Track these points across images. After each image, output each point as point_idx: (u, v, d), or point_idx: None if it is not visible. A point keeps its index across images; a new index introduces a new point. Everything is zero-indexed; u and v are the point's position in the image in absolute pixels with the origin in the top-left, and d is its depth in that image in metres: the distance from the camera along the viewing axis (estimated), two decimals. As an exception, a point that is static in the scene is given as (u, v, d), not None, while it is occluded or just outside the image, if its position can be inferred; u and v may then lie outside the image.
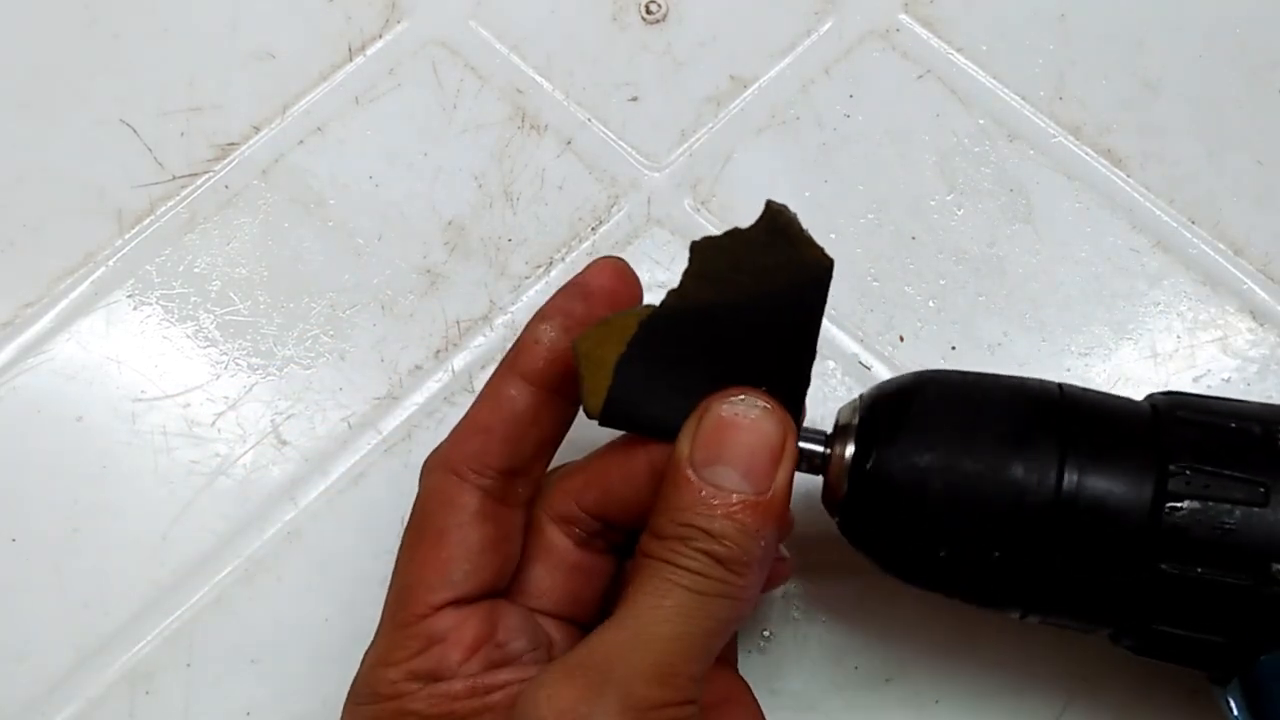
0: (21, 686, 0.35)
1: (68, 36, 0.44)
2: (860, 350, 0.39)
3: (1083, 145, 0.41)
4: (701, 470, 0.27)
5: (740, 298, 0.28)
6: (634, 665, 0.25)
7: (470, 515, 0.29)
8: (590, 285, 0.30)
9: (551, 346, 0.29)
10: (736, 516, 0.26)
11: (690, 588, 0.26)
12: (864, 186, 0.41)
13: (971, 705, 0.34)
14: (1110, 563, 0.27)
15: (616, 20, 0.44)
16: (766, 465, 0.27)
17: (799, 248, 0.28)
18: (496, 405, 0.29)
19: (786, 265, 0.28)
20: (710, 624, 0.26)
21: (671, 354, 0.28)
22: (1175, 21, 0.43)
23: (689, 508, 0.26)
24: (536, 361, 0.29)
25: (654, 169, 0.41)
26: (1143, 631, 0.28)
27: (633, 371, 0.28)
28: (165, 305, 0.40)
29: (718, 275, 0.28)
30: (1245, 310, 0.39)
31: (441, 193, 0.41)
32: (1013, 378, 0.30)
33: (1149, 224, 0.40)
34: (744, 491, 0.26)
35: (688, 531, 0.26)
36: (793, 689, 0.35)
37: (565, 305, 0.30)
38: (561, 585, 0.30)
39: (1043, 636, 0.35)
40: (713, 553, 0.26)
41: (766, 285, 0.28)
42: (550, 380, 0.29)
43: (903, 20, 0.43)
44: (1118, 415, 0.28)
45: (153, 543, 0.37)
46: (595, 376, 0.28)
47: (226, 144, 0.42)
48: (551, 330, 0.29)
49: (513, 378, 0.29)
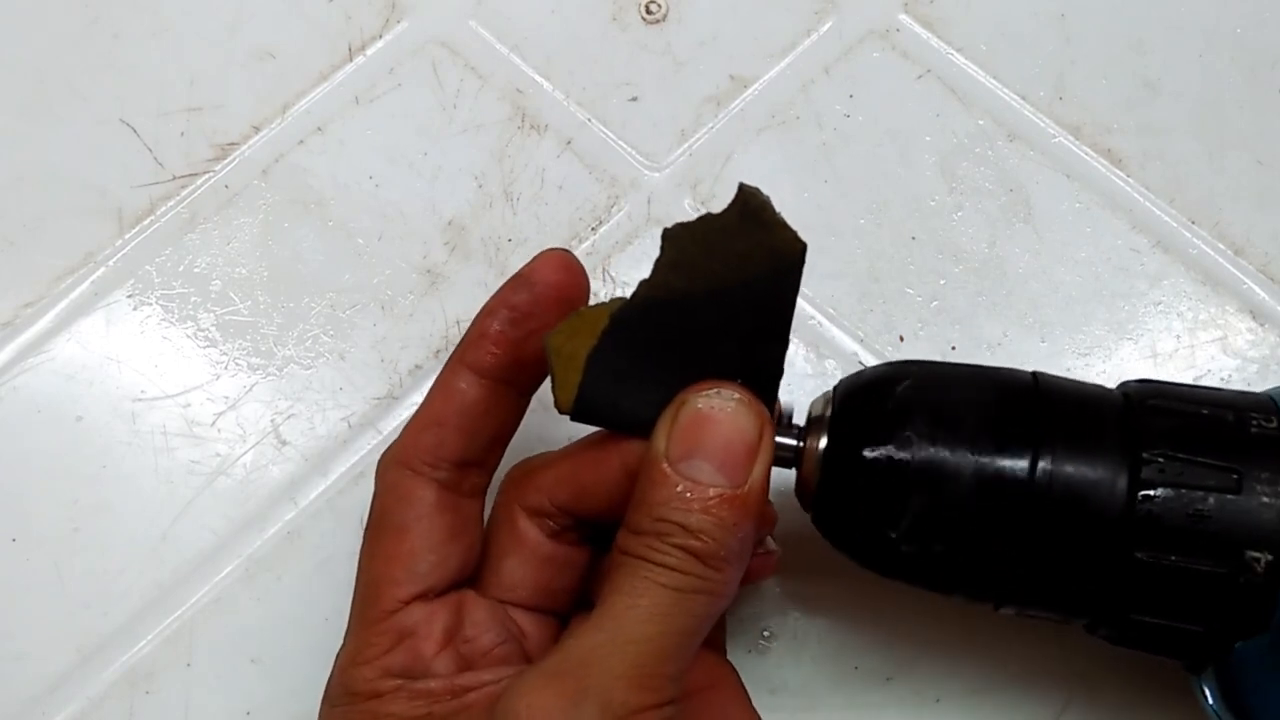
0: (21, 686, 0.35)
1: (68, 36, 0.44)
2: (860, 350, 0.39)
3: (1083, 145, 0.41)
4: (677, 465, 0.26)
5: (713, 286, 0.28)
6: (612, 669, 0.25)
7: (429, 507, 0.29)
8: (534, 278, 0.30)
9: (498, 339, 0.29)
10: (714, 511, 0.26)
11: (668, 585, 0.26)
12: (864, 186, 0.41)
13: (971, 704, 0.34)
14: (1085, 552, 0.27)
15: (616, 20, 0.44)
16: (743, 459, 0.27)
17: (772, 231, 0.27)
18: (447, 398, 0.30)
19: (759, 250, 0.27)
20: (688, 621, 0.26)
21: (644, 347, 0.28)
22: (1175, 21, 0.43)
23: (665, 503, 0.26)
24: (484, 355, 0.29)
25: (654, 169, 0.41)
26: (1119, 621, 0.28)
27: (605, 366, 0.28)
28: (165, 305, 0.40)
29: (691, 263, 0.28)
30: (1245, 310, 0.39)
31: (441, 193, 0.41)
32: (986, 367, 0.30)
33: (1149, 224, 0.40)
34: (721, 485, 0.26)
35: (664, 527, 0.26)
36: (793, 689, 0.35)
37: (510, 298, 0.30)
38: (534, 577, 0.30)
39: (1043, 635, 0.35)
40: (690, 548, 0.26)
41: (739, 272, 0.28)
42: (499, 372, 0.30)
43: (903, 20, 0.43)
44: (1091, 403, 0.28)
45: (153, 543, 0.37)
46: (566, 372, 0.28)
47: (226, 144, 0.42)
48: (497, 324, 0.29)
49: (462, 370, 0.30)
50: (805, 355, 0.38)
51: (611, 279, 0.40)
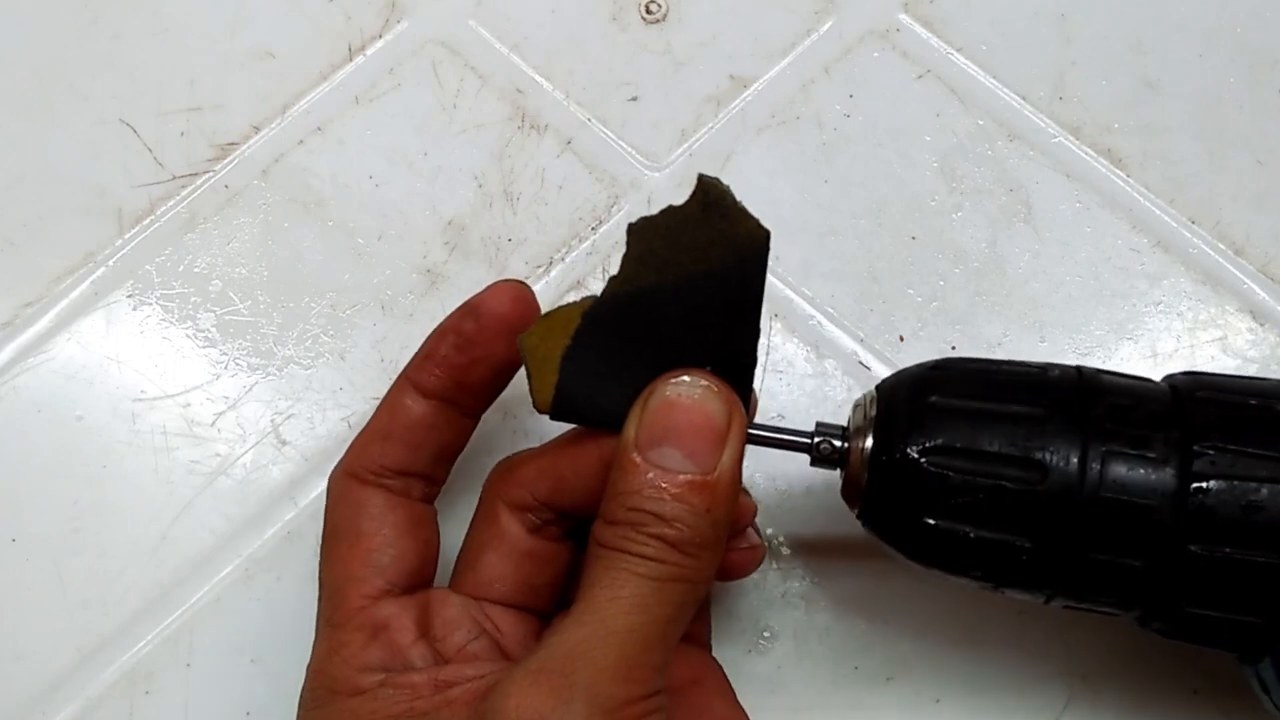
0: (21, 686, 0.35)
1: (68, 36, 0.44)
2: (860, 350, 0.39)
3: (1083, 145, 0.41)
4: (647, 453, 0.27)
5: (681, 278, 0.28)
6: (598, 664, 0.25)
7: (380, 509, 0.30)
8: (482, 309, 0.30)
9: (442, 363, 0.30)
10: (685, 498, 0.26)
11: (646, 575, 0.26)
12: (864, 186, 0.41)
13: (972, 704, 0.34)
14: (1137, 546, 0.27)
15: (616, 20, 0.44)
16: (712, 444, 0.27)
17: (734, 221, 0.27)
18: (393, 414, 0.30)
19: (723, 240, 0.28)
20: (669, 610, 0.26)
21: (617, 342, 0.28)
22: (1175, 21, 0.43)
23: (637, 491, 0.26)
24: (428, 377, 0.30)
25: (654, 169, 0.41)
26: (1173, 614, 0.28)
27: (579, 364, 0.28)
28: (165, 305, 0.40)
29: (657, 257, 0.28)
30: (1245, 310, 0.39)
31: (441, 193, 0.41)
32: (1030, 363, 0.30)
33: (1149, 224, 0.40)
34: (690, 471, 0.26)
35: (638, 516, 0.26)
36: (793, 689, 0.35)
37: (458, 324, 0.30)
38: (514, 572, 0.30)
39: (1044, 635, 0.35)
40: (665, 536, 0.26)
41: (705, 263, 0.28)
42: (443, 393, 0.30)
43: (903, 20, 0.43)
44: (1138, 397, 0.28)
45: (153, 543, 0.37)
46: (542, 372, 0.29)
47: (226, 144, 0.42)
48: (444, 348, 0.30)
49: (409, 389, 0.31)
50: (805, 355, 0.38)
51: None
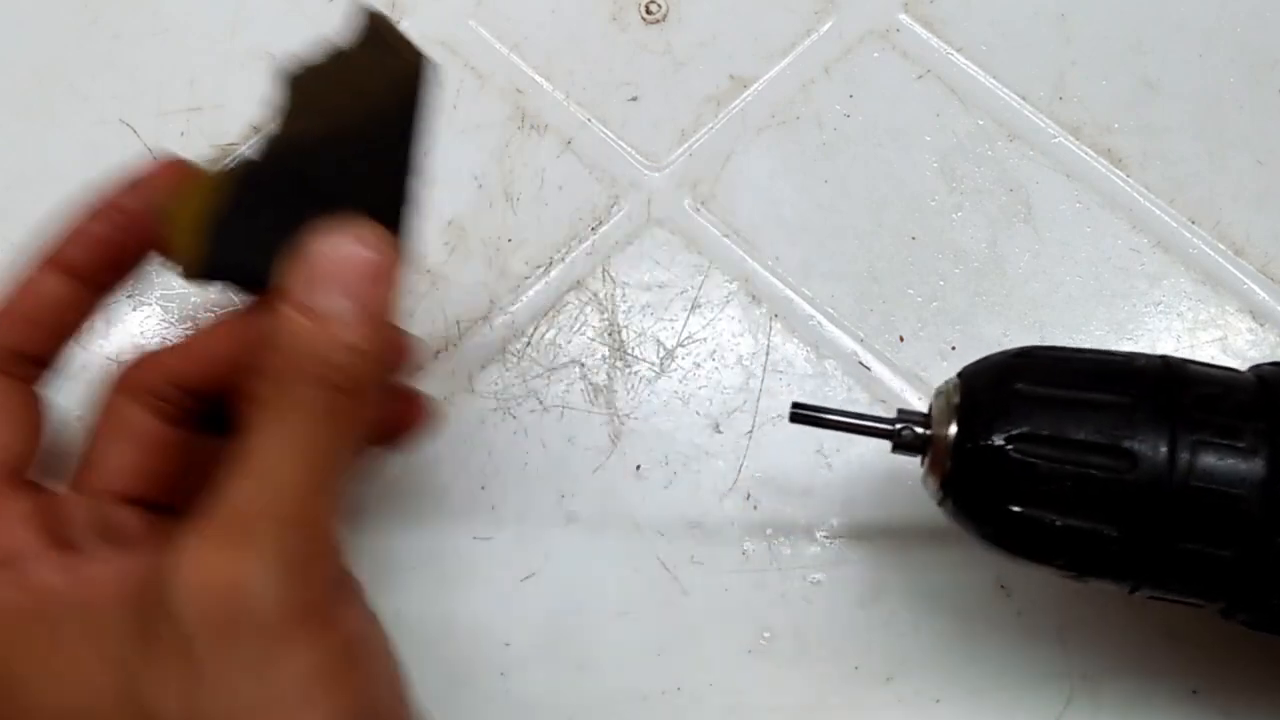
0: None
1: (68, 36, 0.44)
2: (860, 350, 0.39)
3: (1083, 145, 0.41)
4: (298, 300, 0.26)
5: (339, 124, 0.26)
6: (277, 515, 0.24)
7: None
8: (143, 184, 0.29)
9: (100, 240, 0.29)
10: (339, 338, 0.25)
11: (311, 421, 0.25)
12: (864, 186, 0.41)
13: (972, 704, 0.34)
14: (1226, 537, 0.27)
15: (616, 20, 0.44)
16: (364, 285, 0.26)
17: (395, 53, 0.26)
18: (24, 292, 0.30)
19: (383, 77, 0.26)
20: (336, 457, 0.25)
21: (270, 200, 0.27)
22: (1175, 21, 0.43)
23: (291, 337, 0.25)
24: (80, 255, 0.29)
25: (654, 169, 0.41)
26: (1258, 606, 0.28)
27: (230, 226, 0.27)
28: (165, 305, 0.40)
29: (317, 105, 0.26)
30: (1245, 310, 0.39)
31: (441, 193, 0.41)
32: (1114, 351, 0.30)
33: (1149, 224, 0.40)
34: (344, 313, 0.25)
35: (295, 362, 0.25)
36: (793, 689, 0.35)
37: (118, 200, 0.30)
38: (141, 463, 0.29)
39: (1043, 635, 0.35)
40: (324, 379, 0.25)
41: (364, 104, 0.26)
42: (87, 272, 0.30)
43: (903, 20, 0.43)
44: (1227, 386, 0.28)
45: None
46: (185, 236, 0.27)
47: (226, 144, 0.42)
48: (100, 225, 0.29)
49: (49, 269, 0.30)
50: (805, 355, 0.38)
51: (611, 279, 0.40)
